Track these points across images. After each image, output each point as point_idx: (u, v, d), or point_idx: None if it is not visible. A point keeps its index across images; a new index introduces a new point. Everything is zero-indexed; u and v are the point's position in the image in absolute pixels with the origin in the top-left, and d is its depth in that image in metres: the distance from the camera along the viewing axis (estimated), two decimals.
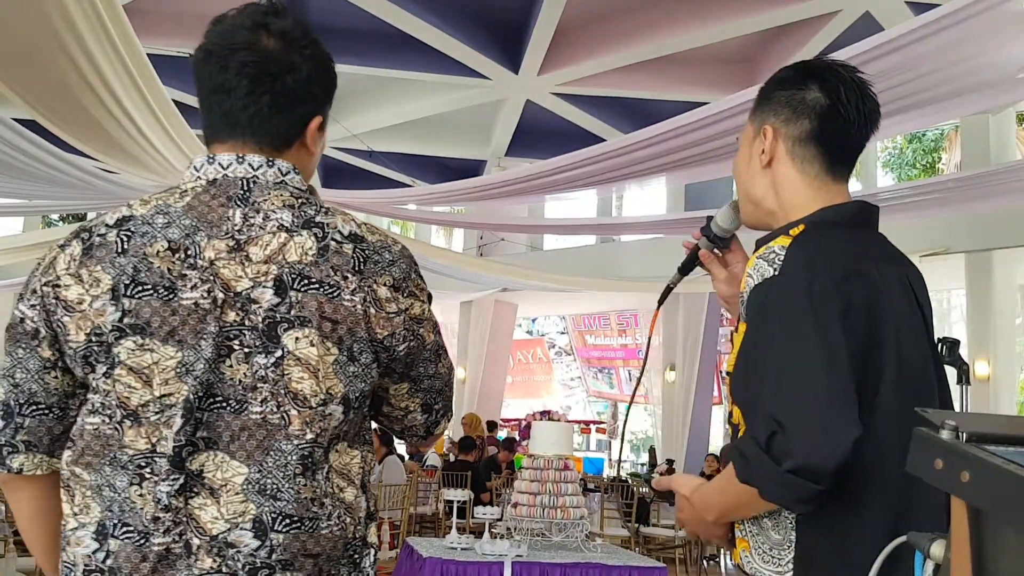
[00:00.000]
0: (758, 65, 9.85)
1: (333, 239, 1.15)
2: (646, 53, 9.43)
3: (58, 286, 1.12)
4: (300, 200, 1.17)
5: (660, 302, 1.70)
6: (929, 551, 0.90)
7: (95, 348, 1.10)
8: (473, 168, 13.29)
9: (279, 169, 1.19)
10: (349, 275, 1.14)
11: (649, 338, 1.99)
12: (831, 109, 1.41)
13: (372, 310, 1.15)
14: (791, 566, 1.29)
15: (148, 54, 4.63)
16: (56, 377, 1.15)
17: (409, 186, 12.43)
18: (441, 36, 9.07)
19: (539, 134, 12.19)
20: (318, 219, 1.16)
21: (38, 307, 1.13)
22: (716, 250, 1.62)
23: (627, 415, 2.04)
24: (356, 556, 1.17)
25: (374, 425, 1.34)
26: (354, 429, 1.19)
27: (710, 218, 1.62)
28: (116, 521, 1.08)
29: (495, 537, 4.71)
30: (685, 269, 1.66)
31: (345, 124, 10.71)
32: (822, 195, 1.42)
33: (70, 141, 5.50)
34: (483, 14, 9.37)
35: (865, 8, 8.14)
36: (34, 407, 1.15)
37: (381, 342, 1.17)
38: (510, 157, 12.67)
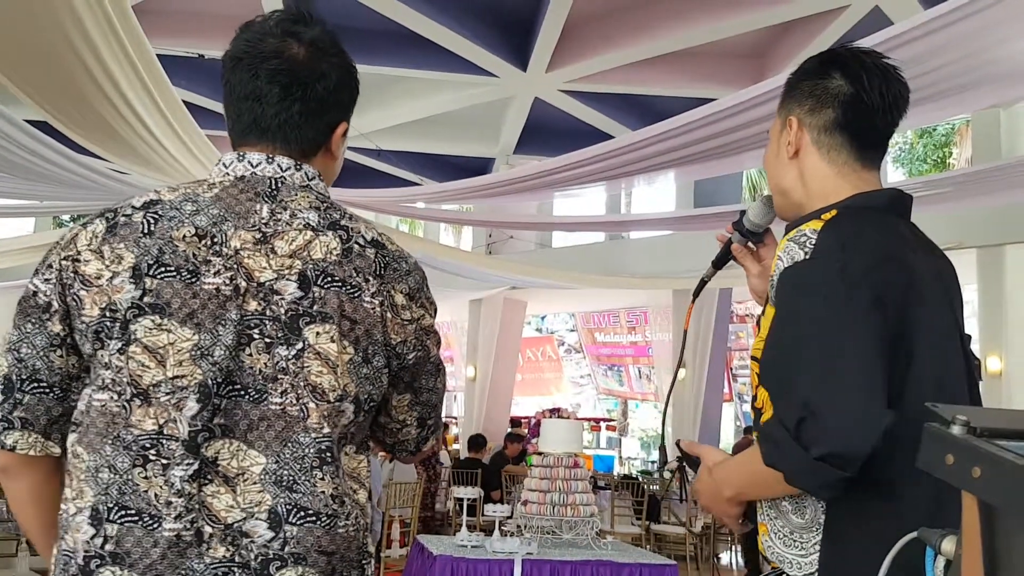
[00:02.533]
0: (767, 60, 9.81)
1: (357, 242, 1.18)
2: (654, 49, 9.40)
3: (78, 260, 1.13)
4: (325, 204, 1.21)
5: (695, 295, 1.71)
6: (940, 547, 0.90)
7: (108, 324, 1.11)
8: (481, 166, 13.28)
9: (305, 173, 1.23)
10: (371, 278, 1.17)
11: (685, 331, 1.97)
12: (854, 96, 1.40)
13: (389, 315, 1.18)
14: (817, 548, 1.28)
15: (157, 54, 4.64)
16: (61, 356, 1.15)
17: (417, 184, 12.43)
18: (449, 34, 9.06)
19: (547, 131, 12.17)
20: (343, 222, 1.19)
21: (53, 281, 1.14)
22: (749, 244, 1.62)
23: (665, 412, 2.06)
24: (364, 562, 1.18)
25: None
26: (360, 434, 1.21)
27: (743, 212, 1.62)
28: (113, 505, 1.07)
29: (505, 535, 4.71)
30: (718, 263, 1.67)
31: (353, 123, 10.66)
32: (851, 182, 1.41)
33: (80, 142, 5.53)
34: (491, 12, 9.35)
35: (874, 2, 8.09)
36: (35, 384, 1.14)
37: (394, 348, 1.20)
38: (518, 155, 12.65)
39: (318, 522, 1.11)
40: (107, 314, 1.10)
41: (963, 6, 3.60)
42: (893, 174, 16.70)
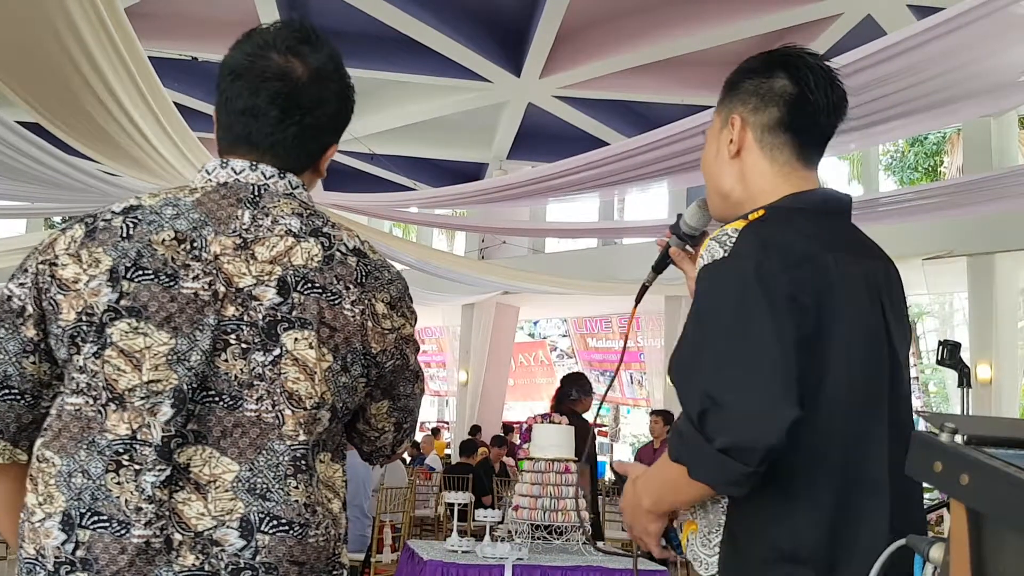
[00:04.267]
0: None
1: (339, 250, 1.17)
2: (648, 56, 9.43)
3: (55, 264, 1.11)
4: (308, 211, 1.20)
5: (637, 301, 1.70)
6: (928, 554, 0.90)
7: (84, 328, 1.09)
8: (475, 171, 13.28)
9: (289, 182, 1.22)
10: (351, 286, 1.16)
11: (626, 337, 1.95)
12: (800, 97, 1.39)
13: (370, 323, 1.17)
14: (718, 549, 1.28)
15: (150, 57, 4.63)
16: (34, 363, 1.13)
17: (411, 189, 12.43)
18: (443, 39, 9.07)
19: (541, 137, 12.18)
20: (325, 230, 1.18)
21: (29, 286, 1.12)
22: (687, 247, 1.62)
23: (598, 411, 2.04)
24: (335, 573, 1.17)
25: None
26: (334, 442, 1.19)
27: (680, 216, 1.62)
28: (86, 510, 1.05)
29: (496, 540, 4.70)
30: (658, 268, 1.66)
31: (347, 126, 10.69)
32: (791, 182, 1.40)
33: (72, 144, 5.51)
34: (485, 17, 9.36)
35: (867, 12, 8.13)
36: (6, 391, 1.12)
37: (373, 357, 1.19)
38: (512, 160, 12.66)
39: (291, 531, 1.09)
40: (83, 318, 1.09)
41: (955, 18, 3.62)
42: (885, 183, 16.76)
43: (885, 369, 1.31)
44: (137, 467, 1.06)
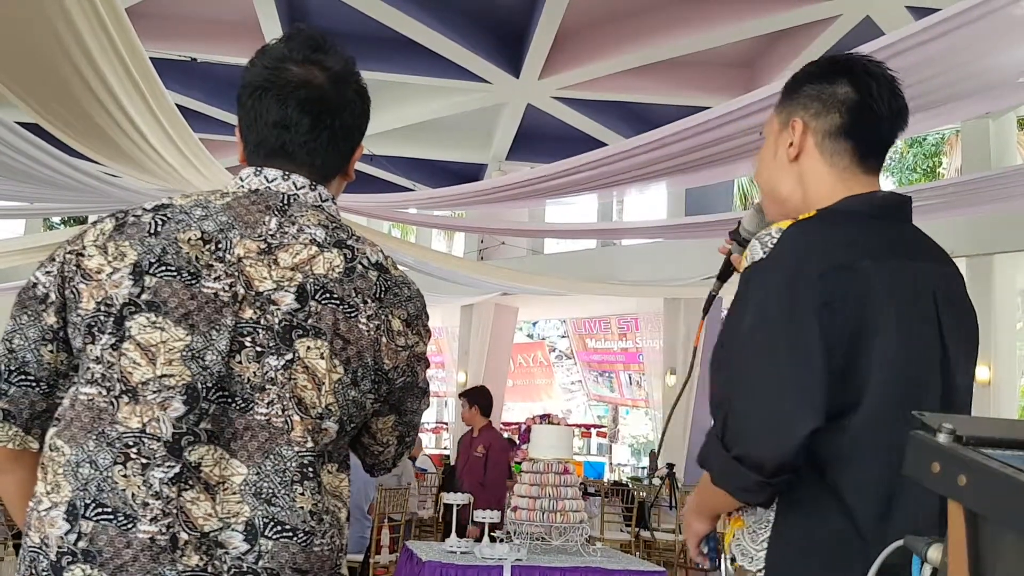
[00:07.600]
0: (759, 69, 9.85)
1: (360, 263, 1.19)
2: (647, 57, 9.43)
3: (82, 255, 1.14)
4: (334, 224, 1.22)
5: (705, 311, 1.71)
6: (927, 555, 0.90)
7: (101, 318, 1.11)
8: (474, 172, 13.28)
9: (319, 194, 1.25)
10: (369, 300, 1.18)
11: (695, 348, 1.88)
12: (862, 104, 1.40)
13: (384, 339, 1.19)
14: (766, 544, 1.29)
15: (150, 58, 4.63)
16: (51, 351, 1.15)
17: (410, 190, 12.43)
18: (442, 40, 9.07)
19: (540, 138, 12.18)
20: (349, 242, 1.21)
21: (54, 273, 1.15)
22: None
23: (664, 428, 2.04)
24: None
25: None
26: (340, 454, 1.21)
27: (740, 222, 1.62)
28: (90, 501, 1.06)
29: (495, 541, 4.71)
30: (723, 276, 1.66)
31: None
32: (848, 186, 1.40)
33: (72, 145, 5.50)
34: (484, 18, 9.37)
35: (865, 12, 8.13)
36: (22, 376, 1.14)
37: (385, 373, 1.20)
38: (511, 161, 12.66)
39: (294, 538, 1.09)
40: (102, 308, 1.11)
41: (953, 17, 3.62)
42: (883, 183, 16.74)
43: (934, 373, 1.30)
44: (144, 461, 1.06)
